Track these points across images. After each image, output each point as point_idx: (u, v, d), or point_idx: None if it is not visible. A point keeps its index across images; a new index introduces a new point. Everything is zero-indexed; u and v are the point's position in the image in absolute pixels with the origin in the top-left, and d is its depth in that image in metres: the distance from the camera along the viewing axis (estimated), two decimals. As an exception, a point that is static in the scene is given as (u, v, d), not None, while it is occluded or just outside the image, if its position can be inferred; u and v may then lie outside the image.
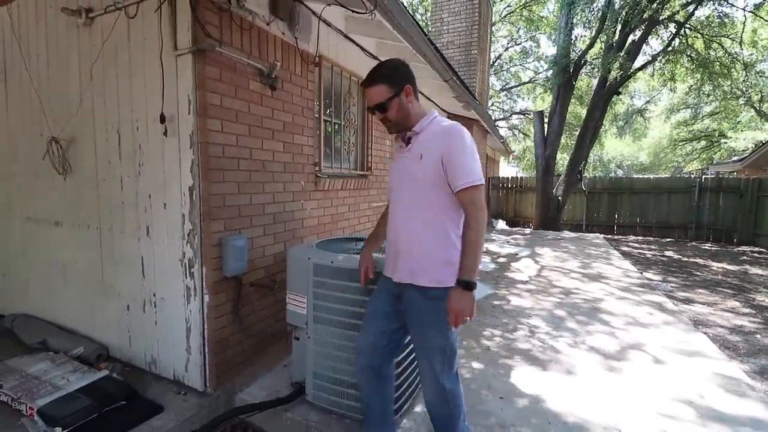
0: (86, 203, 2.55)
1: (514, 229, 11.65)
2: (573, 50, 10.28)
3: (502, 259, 6.70)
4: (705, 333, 3.66)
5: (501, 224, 12.09)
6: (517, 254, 7.25)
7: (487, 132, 8.15)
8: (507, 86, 20.73)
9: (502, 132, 23.35)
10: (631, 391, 2.48)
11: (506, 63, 19.80)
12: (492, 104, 21.02)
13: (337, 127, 3.55)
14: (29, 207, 2.95)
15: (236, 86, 2.21)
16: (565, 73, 10.12)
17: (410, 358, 2.10)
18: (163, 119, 2.06)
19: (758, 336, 3.72)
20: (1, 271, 3.23)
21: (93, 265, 2.56)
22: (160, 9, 2.03)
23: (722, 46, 11.00)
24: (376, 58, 3.78)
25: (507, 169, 28.96)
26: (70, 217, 2.66)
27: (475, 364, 2.76)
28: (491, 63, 18.78)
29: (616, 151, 31.00)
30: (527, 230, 11.27)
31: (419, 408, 2.20)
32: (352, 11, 2.48)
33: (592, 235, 10.40)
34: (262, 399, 2.17)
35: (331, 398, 2.05)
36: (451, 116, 6.86)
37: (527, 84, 19.74)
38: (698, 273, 6.40)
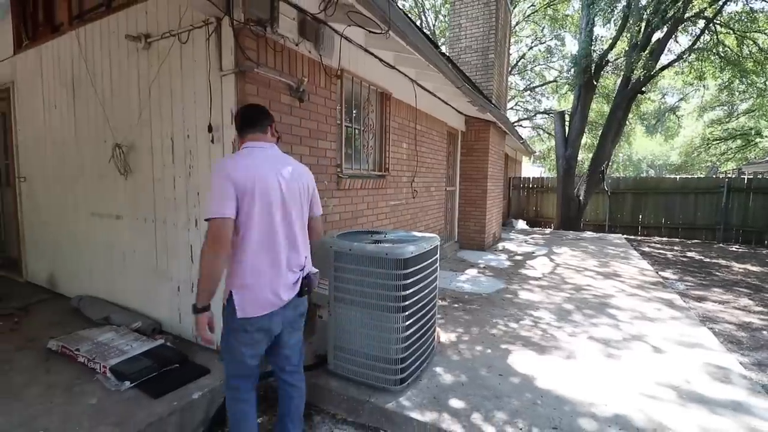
0: (144, 200, 3.00)
1: (534, 229, 11.70)
2: (594, 50, 10.26)
3: (518, 257, 6.88)
4: (711, 328, 3.78)
5: (521, 224, 12.15)
6: (533, 253, 7.40)
7: (506, 133, 8.31)
8: (531, 86, 20.59)
9: (526, 132, 23.19)
10: (623, 375, 2.68)
11: (530, 62, 19.67)
12: (516, 104, 20.93)
13: (357, 131, 3.90)
14: (94, 203, 3.45)
15: (270, 100, 2.59)
16: (585, 73, 10.12)
17: (416, 335, 2.41)
18: (210, 129, 2.46)
19: (765, 332, 3.80)
20: (71, 259, 3.76)
21: (149, 252, 3.01)
22: (209, 37, 2.43)
23: (755, 42, 10.67)
24: (393, 67, 4.10)
25: (532, 170, 28.67)
26: (130, 212, 3.13)
27: (479, 347, 3.04)
28: (515, 63, 18.74)
29: (647, 150, 30.06)
30: (547, 230, 11.31)
31: (425, 380, 2.51)
32: (370, 31, 2.81)
33: (613, 235, 10.34)
34: (290, 368, 2.53)
35: (349, 367, 2.40)
36: (469, 118, 7.09)
37: (551, 83, 19.53)
38: (718, 273, 6.37)
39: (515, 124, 19.91)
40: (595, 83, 10.64)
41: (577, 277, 5.51)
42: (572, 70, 11.53)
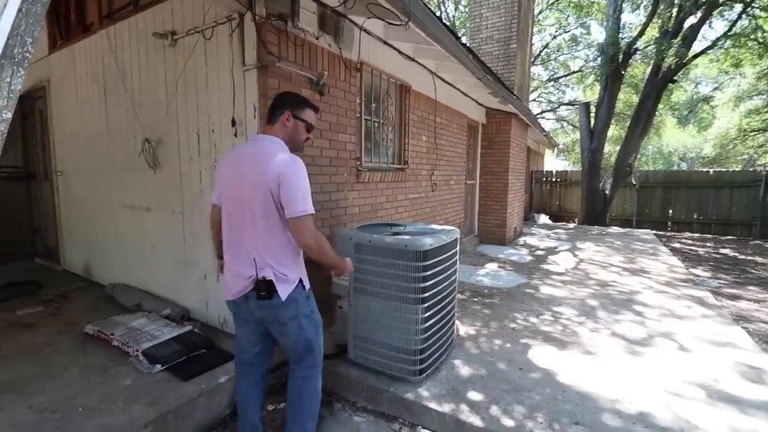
0: (171, 192, 3.10)
1: (558, 224, 11.44)
2: (622, 38, 9.87)
3: (540, 252, 6.76)
4: (745, 327, 3.62)
5: (543, 219, 11.91)
6: (556, 248, 7.25)
7: (528, 125, 8.13)
8: (555, 76, 20.01)
9: (550, 124, 22.63)
10: (649, 372, 2.61)
11: (554, 52, 19.10)
12: (539, 95, 20.41)
13: (376, 124, 3.91)
14: (125, 196, 3.60)
15: (291, 94, 2.62)
16: (612, 62, 9.76)
17: (436, 327, 2.42)
18: (234, 123, 2.52)
19: (804, 332, 3.62)
20: (104, 249, 3.94)
21: (176, 242, 3.12)
22: (232, 33, 2.48)
23: (799, 26, 10.02)
24: (413, 59, 4.08)
25: (555, 163, 27.99)
26: (159, 204, 3.25)
27: (498, 341, 3.02)
28: (538, 53, 18.24)
29: (678, 142, 28.78)
30: (571, 225, 11.04)
31: (444, 372, 2.52)
32: (389, 23, 2.80)
33: (641, 231, 10.00)
34: (311, 356, 2.59)
35: (369, 357, 2.44)
36: (489, 110, 6.98)
37: (576, 73, 18.92)
38: (753, 271, 6.08)
39: (538, 116, 19.43)
40: (622, 72, 10.25)
41: (601, 272, 5.37)
42: (599, 59, 11.15)
